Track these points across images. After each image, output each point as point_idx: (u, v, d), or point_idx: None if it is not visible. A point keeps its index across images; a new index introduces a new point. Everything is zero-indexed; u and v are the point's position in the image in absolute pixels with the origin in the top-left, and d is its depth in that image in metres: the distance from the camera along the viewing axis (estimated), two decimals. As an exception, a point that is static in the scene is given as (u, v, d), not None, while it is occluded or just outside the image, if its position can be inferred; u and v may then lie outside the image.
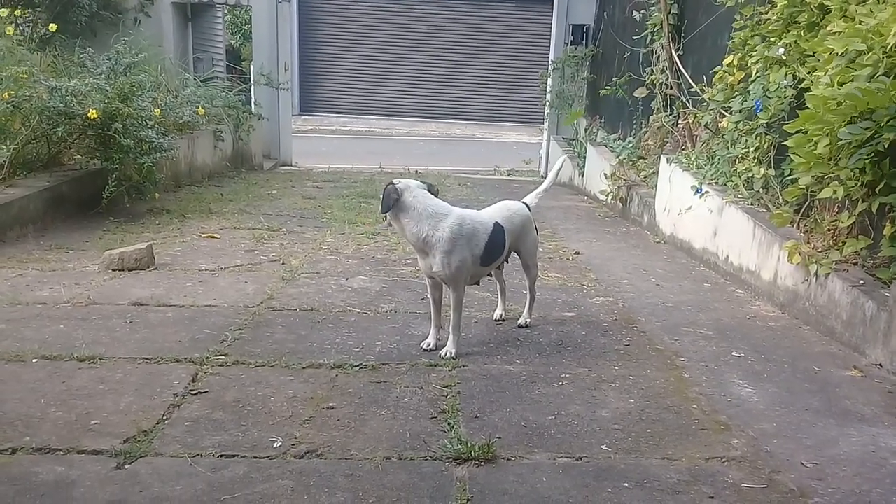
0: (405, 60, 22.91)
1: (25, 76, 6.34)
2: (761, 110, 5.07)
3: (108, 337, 3.74)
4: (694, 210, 5.97)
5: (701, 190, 5.81)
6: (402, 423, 2.92)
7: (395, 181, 3.51)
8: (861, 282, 3.89)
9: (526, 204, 4.13)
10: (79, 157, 7.01)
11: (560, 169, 4.60)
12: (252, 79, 12.27)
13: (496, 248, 3.75)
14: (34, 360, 3.41)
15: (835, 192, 4.07)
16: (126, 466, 2.54)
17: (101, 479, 2.45)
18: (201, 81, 10.52)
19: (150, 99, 7.30)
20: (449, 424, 2.91)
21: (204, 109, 8.95)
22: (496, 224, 3.75)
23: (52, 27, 8.04)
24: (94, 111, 6.16)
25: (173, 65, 10.33)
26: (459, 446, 2.68)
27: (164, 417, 2.90)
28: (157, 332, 3.84)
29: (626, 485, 2.51)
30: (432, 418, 2.97)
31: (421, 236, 3.48)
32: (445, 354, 3.61)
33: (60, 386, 3.15)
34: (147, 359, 3.47)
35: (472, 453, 2.64)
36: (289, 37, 13.99)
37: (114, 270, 4.96)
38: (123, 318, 4.03)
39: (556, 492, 2.45)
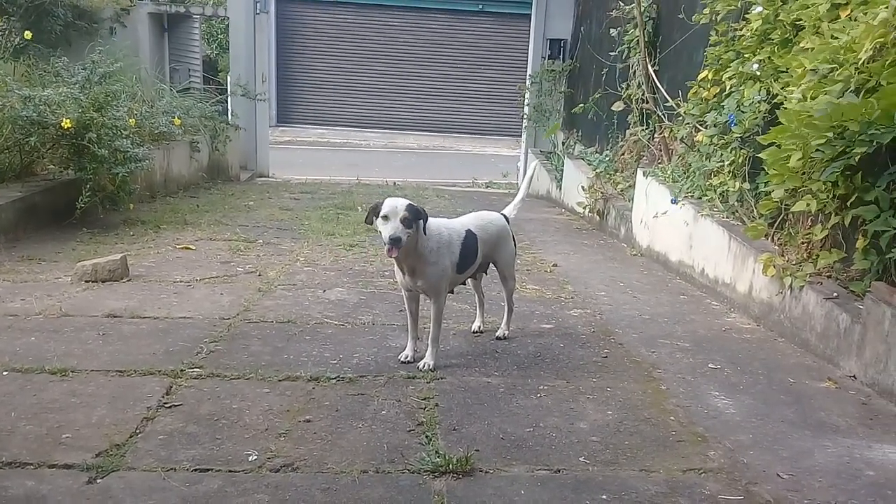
0: (383, 73, 22.96)
1: (-2, 85, 6.27)
2: (735, 124, 5.13)
3: (81, 349, 3.68)
4: (670, 223, 6.02)
5: (676, 200, 5.86)
6: (379, 436, 2.89)
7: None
8: (835, 294, 3.94)
9: (504, 216, 4.14)
10: (52, 167, 6.93)
11: (532, 175, 4.62)
12: (229, 90, 12.22)
13: (469, 254, 3.74)
14: (4, 373, 3.34)
15: (808, 205, 4.13)
16: (98, 481, 2.49)
17: (72, 494, 2.40)
18: (178, 92, 10.46)
19: (126, 109, 7.23)
20: (427, 437, 2.89)
21: (180, 120, 8.89)
22: (468, 231, 3.76)
23: (27, 35, 7.95)
24: (68, 121, 6.09)
25: (149, 75, 10.27)
26: (437, 459, 2.66)
27: (137, 431, 2.85)
28: (131, 345, 3.79)
29: (604, 497, 2.51)
30: (410, 431, 2.95)
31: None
32: (423, 367, 3.59)
33: (31, 399, 3.09)
34: (120, 371, 3.42)
35: (450, 466, 2.63)
36: (266, 48, 13.96)
37: (87, 282, 4.89)
38: (96, 330, 3.97)
39: (534, 504, 2.44)
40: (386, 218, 3.35)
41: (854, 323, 3.68)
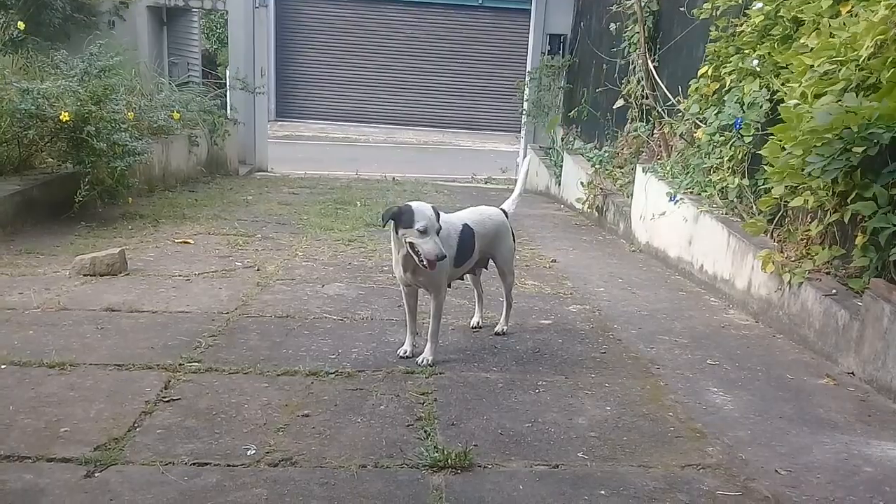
0: (383, 67, 22.92)
1: (-4, 78, 6.25)
2: (742, 127, 5.10)
3: (79, 343, 3.68)
4: (669, 219, 6.02)
5: (676, 198, 5.85)
6: (378, 431, 2.89)
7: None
8: (834, 291, 3.94)
9: (504, 210, 4.13)
10: (50, 160, 6.92)
11: (527, 169, 4.62)
12: (228, 83, 12.20)
13: (465, 249, 3.73)
14: (3, 367, 3.33)
15: (806, 201, 4.13)
16: (96, 474, 2.49)
17: (70, 488, 2.40)
18: (176, 86, 10.43)
19: (124, 102, 7.21)
20: (425, 432, 2.89)
21: (179, 114, 8.87)
22: (465, 225, 3.75)
23: (21, 25, 7.91)
24: (67, 114, 6.07)
25: (148, 69, 10.24)
26: (436, 454, 2.66)
27: (136, 425, 2.85)
28: (129, 339, 3.78)
29: (602, 492, 2.51)
30: (409, 426, 2.95)
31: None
32: (422, 362, 3.59)
33: (30, 392, 3.08)
34: (118, 365, 3.42)
35: (449, 461, 2.62)
36: (265, 42, 13.94)
37: (85, 276, 4.88)
38: (95, 324, 3.96)
39: (532, 500, 2.45)
40: (424, 232, 3.28)
41: (853, 320, 3.69)
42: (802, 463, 2.78)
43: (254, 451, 2.69)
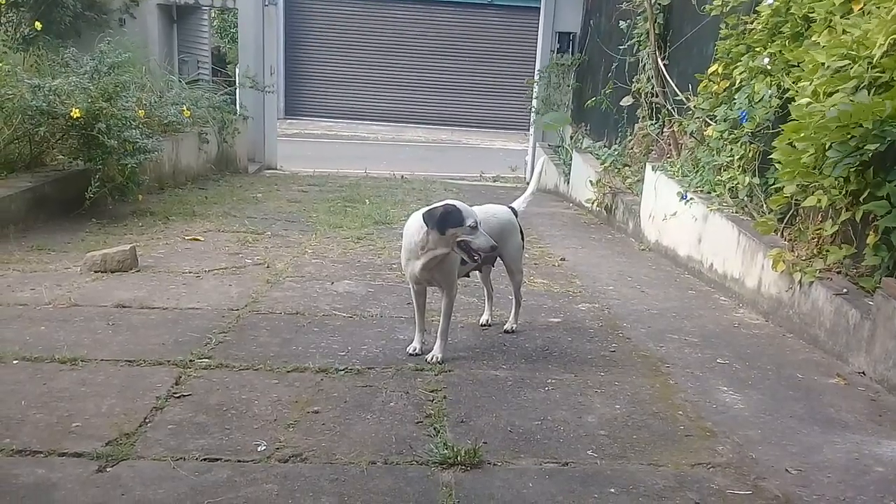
0: (392, 65, 22.96)
1: (7, 75, 6.27)
2: (747, 120, 5.10)
3: (90, 339, 3.70)
4: (679, 218, 6.00)
5: (686, 196, 5.83)
6: (387, 428, 2.90)
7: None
8: (845, 290, 3.92)
9: (513, 209, 4.12)
10: (61, 157, 6.96)
11: (542, 170, 4.61)
12: (237, 81, 12.22)
13: None
14: (14, 362, 3.35)
15: (819, 200, 4.11)
16: (108, 469, 2.50)
17: (82, 482, 2.41)
18: (186, 83, 10.46)
19: (135, 99, 7.24)
20: (435, 429, 2.89)
21: (189, 111, 8.90)
22: None
23: (38, 25, 7.97)
24: (78, 110, 6.11)
25: (158, 66, 10.27)
26: (445, 451, 2.66)
27: (147, 420, 2.86)
28: (140, 335, 3.80)
29: (612, 490, 2.51)
30: (418, 423, 2.96)
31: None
32: (431, 359, 3.59)
33: (41, 388, 3.10)
34: (129, 361, 3.43)
35: (459, 458, 2.62)
36: (275, 40, 13.94)
37: (96, 272, 4.90)
38: (106, 320, 3.98)
39: (542, 497, 2.44)
40: (474, 228, 3.37)
41: (864, 319, 3.67)
42: (813, 462, 2.77)
43: (264, 447, 2.69)
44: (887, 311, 3.47)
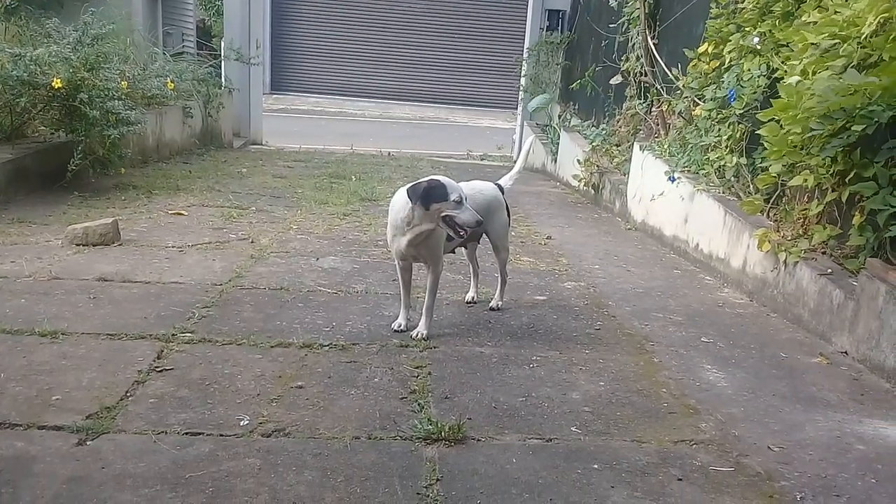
0: (379, 41, 22.73)
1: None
2: (735, 100, 5.09)
3: (71, 312, 3.66)
4: (665, 197, 6.00)
5: (674, 177, 5.83)
6: (371, 403, 2.89)
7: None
8: (829, 270, 3.94)
9: (499, 186, 4.10)
10: (43, 128, 6.84)
11: (530, 149, 4.58)
12: (222, 54, 12.05)
13: None
14: (-7, 335, 3.31)
15: (805, 180, 4.11)
16: (88, 443, 2.48)
17: (61, 455, 2.39)
18: (171, 56, 10.31)
19: (118, 71, 7.12)
20: (419, 405, 2.89)
21: (173, 83, 8.77)
22: None
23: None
24: (59, 80, 5.99)
25: (142, 38, 10.11)
26: (429, 427, 2.65)
27: (128, 394, 2.84)
28: (122, 308, 3.76)
29: (595, 466, 2.51)
30: (402, 398, 2.95)
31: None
32: (417, 335, 3.58)
33: (21, 360, 3.06)
34: (111, 335, 3.40)
35: (443, 434, 2.62)
36: (261, 13, 13.77)
37: (77, 245, 4.84)
38: (87, 294, 3.94)
39: (526, 472, 2.44)
40: (459, 202, 3.34)
41: (847, 299, 3.69)
42: (795, 440, 2.78)
43: (247, 422, 2.68)
44: (871, 292, 3.48)
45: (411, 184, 3.43)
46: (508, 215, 4.12)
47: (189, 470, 2.35)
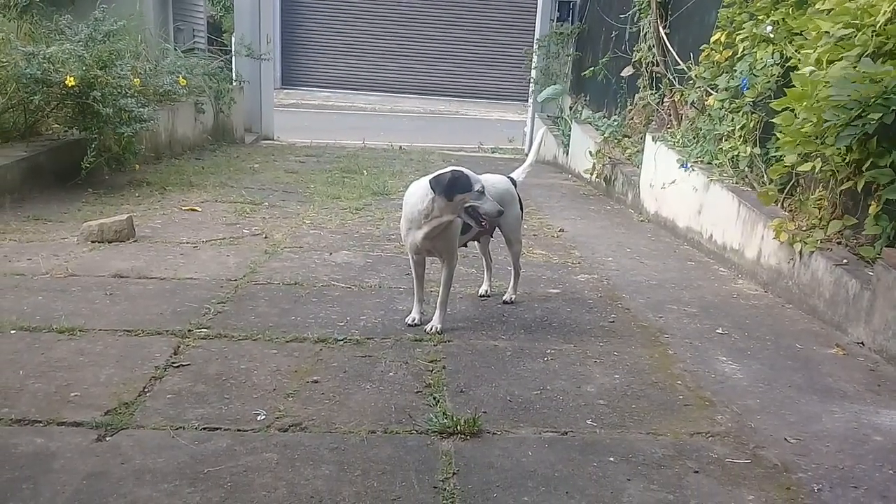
0: (389, 35, 22.71)
1: (1, 43, 6.19)
2: (748, 88, 5.06)
3: (88, 309, 3.69)
4: (679, 188, 5.97)
5: (687, 165, 5.80)
6: (387, 397, 2.90)
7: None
8: (845, 260, 3.91)
9: (512, 179, 4.09)
10: (57, 126, 6.89)
11: (541, 141, 4.57)
12: (233, 50, 12.07)
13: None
14: (12, 332, 3.34)
15: (819, 168, 4.07)
16: (107, 438, 2.50)
17: (81, 451, 2.41)
18: (182, 52, 10.33)
19: (130, 68, 7.15)
20: (434, 399, 2.89)
21: (185, 79, 8.79)
22: None
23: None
24: (72, 78, 6.03)
25: (153, 35, 10.14)
26: (445, 420, 2.66)
27: (146, 390, 2.86)
28: (138, 305, 3.79)
29: (611, 459, 2.51)
30: (417, 392, 2.96)
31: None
32: (431, 329, 3.59)
33: (39, 357, 3.09)
34: (128, 331, 3.42)
35: (458, 427, 2.63)
36: (271, 8, 13.76)
37: (93, 242, 4.88)
38: (103, 290, 3.97)
39: (541, 465, 2.45)
40: (482, 193, 3.38)
41: (863, 289, 3.66)
42: (812, 431, 2.77)
43: (264, 417, 2.69)
44: (887, 282, 3.46)
45: (433, 175, 3.43)
46: (521, 208, 4.12)
47: (207, 465, 2.36)
